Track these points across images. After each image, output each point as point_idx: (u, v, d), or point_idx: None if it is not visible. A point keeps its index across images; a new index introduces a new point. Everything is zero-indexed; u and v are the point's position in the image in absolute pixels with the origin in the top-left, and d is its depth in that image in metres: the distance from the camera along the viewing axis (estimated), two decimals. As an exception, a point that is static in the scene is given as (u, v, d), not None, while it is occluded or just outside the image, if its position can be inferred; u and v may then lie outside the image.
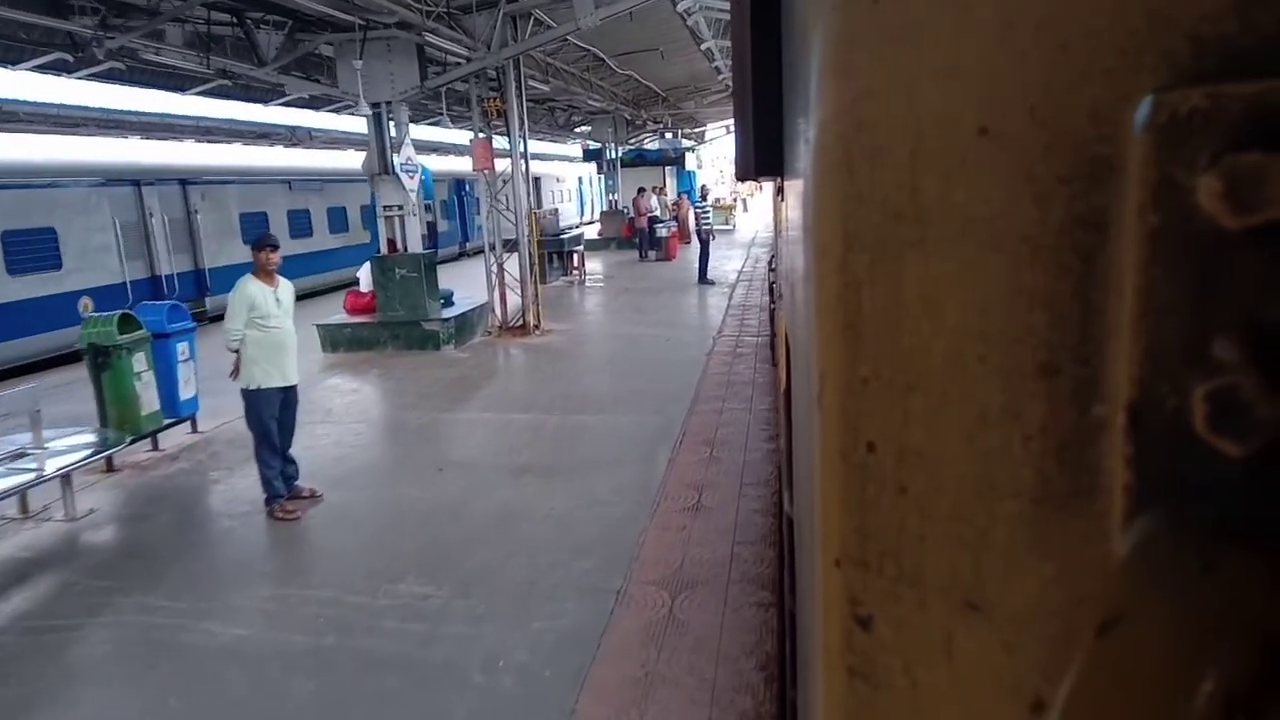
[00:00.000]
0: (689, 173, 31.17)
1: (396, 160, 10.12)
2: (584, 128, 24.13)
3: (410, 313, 10.31)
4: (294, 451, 5.45)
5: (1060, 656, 0.39)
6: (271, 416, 5.16)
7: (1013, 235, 0.38)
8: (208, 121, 19.79)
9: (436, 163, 25.29)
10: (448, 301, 11.18)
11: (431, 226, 22.99)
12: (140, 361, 6.22)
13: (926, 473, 0.42)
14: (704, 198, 16.16)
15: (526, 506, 5.26)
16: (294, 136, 23.82)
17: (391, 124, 10.30)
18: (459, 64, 10.43)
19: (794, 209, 0.76)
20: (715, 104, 23.78)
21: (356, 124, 22.39)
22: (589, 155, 23.98)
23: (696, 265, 15.90)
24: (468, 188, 25.39)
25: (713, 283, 15.81)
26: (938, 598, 0.43)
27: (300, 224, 16.95)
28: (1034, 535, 0.40)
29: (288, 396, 5.28)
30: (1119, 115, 0.35)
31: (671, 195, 27.25)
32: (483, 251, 11.46)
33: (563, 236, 16.19)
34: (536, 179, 32.99)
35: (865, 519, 0.45)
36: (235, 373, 5.16)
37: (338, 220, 18.73)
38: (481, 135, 10.76)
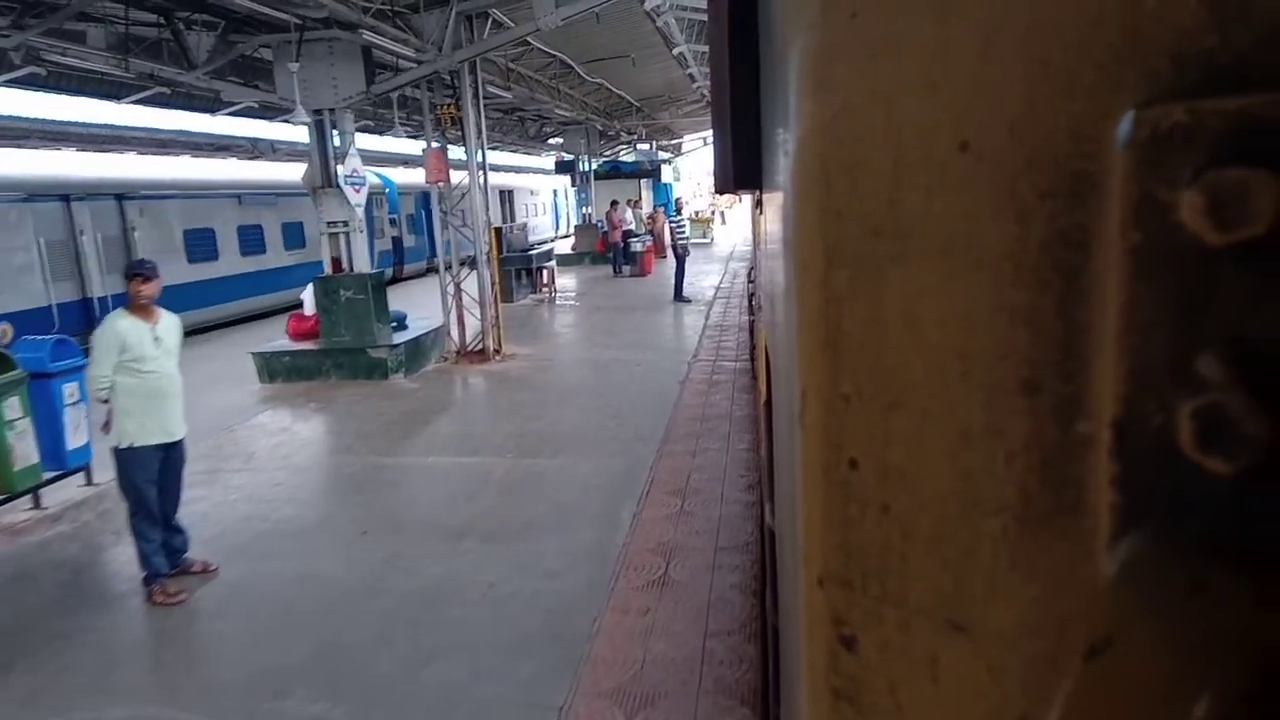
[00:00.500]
0: (665, 185, 30.50)
1: (340, 172, 9.26)
2: (557, 139, 23.39)
3: (356, 338, 9.43)
4: (194, 510, 4.57)
5: (1047, 678, 0.39)
6: (149, 480, 4.26)
7: (994, 251, 0.38)
8: (161, 133, 18.84)
9: (403, 175, 24.39)
10: (400, 325, 10.31)
11: (397, 241, 22.09)
12: (13, 408, 5.30)
13: (909, 491, 0.42)
14: (679, 211, 15.41)
15: (460, 582, 4.40)
16: (255, 149, 22.89)
17: (337, 133, 9.44)
18: (412, 68, 9.62)
19: (773, 223, 0.74)
20: (692, 114, 23.14)
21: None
22: (561, 167, 23.21)
23: (672, 281, 15.14)
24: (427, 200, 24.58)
25: (689, 300, 15.06)
26: (922, 618, 0.43)
27: (251, 241, 15.98)
28: (1018, 554, 0.39)
29: (170, 455, 4.39)
30: (1100, 131, 0.35)
31: (647, 208, 26.60)
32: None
33: (531, 252, 15.36)
34: (509, 191, 32.24)
35: (848, 537, 0.45)
36: (107, 426, 4.28)
37: (294, 236, 17.79)
38: (435, 145, 9.93)
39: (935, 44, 0.38)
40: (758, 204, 1.99)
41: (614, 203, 20.50)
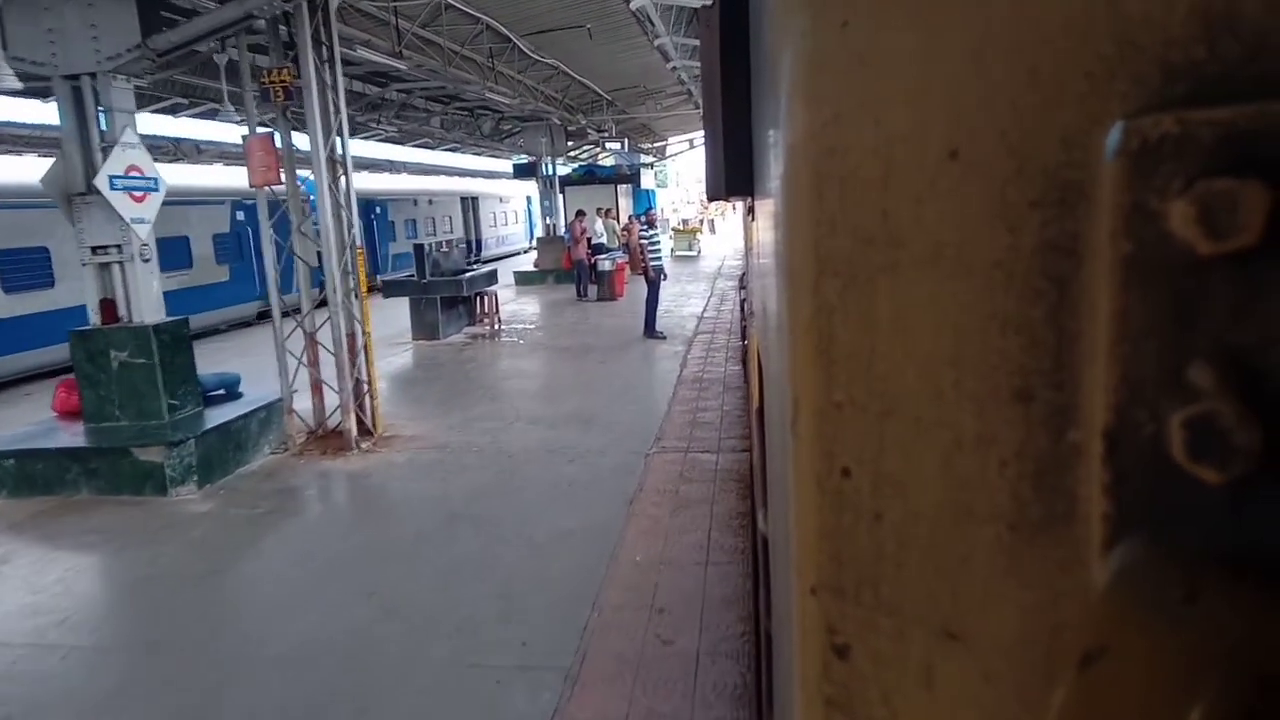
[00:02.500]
0: (646, 192, 27.26)
1: (108, 171, 5.97)
2: (522, 138, 20.14)
3: (136, 422, 6.14)
4: None
5: (1042, 687, 0.39)
6: None
7: (985, 260, 0.38)
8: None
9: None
10: (231, 393, 7.03)
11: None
12: None
13: (902, 499, 0.42)
14: (651, 224, 12.17)
15: None
16: (178, 150, 19.60)
17: (104, 112, 6.17)
18: (212, 9, 6.35)
19: (765, 230, 0.75)
20: (673, 109, 19.93)
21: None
22: (521, 170, 20.00)
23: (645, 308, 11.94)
24: (378, 210, 21.23)
25: (663, 336, 11.82)
26: (916, 626, 0.43)
27: (176, 254, 12.80)
28: (1012, 563, 0.40)
29: None
30: (1090, 140, 0.35)
31: (624, 218, 23.49)
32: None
33: (463, 276, 12.07)
34: (472, 199, 28.98)
35: (841, 546, 0.45)
36: None
37: (227, 248, 14.80)
38: (263, 130, 6.66)
39: (925, 53, 0.38)
40: (750, 211, 1.94)
41: (579, 213, 17.28)
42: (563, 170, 28.16)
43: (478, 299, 13.26)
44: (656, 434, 7.01)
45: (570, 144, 18.88)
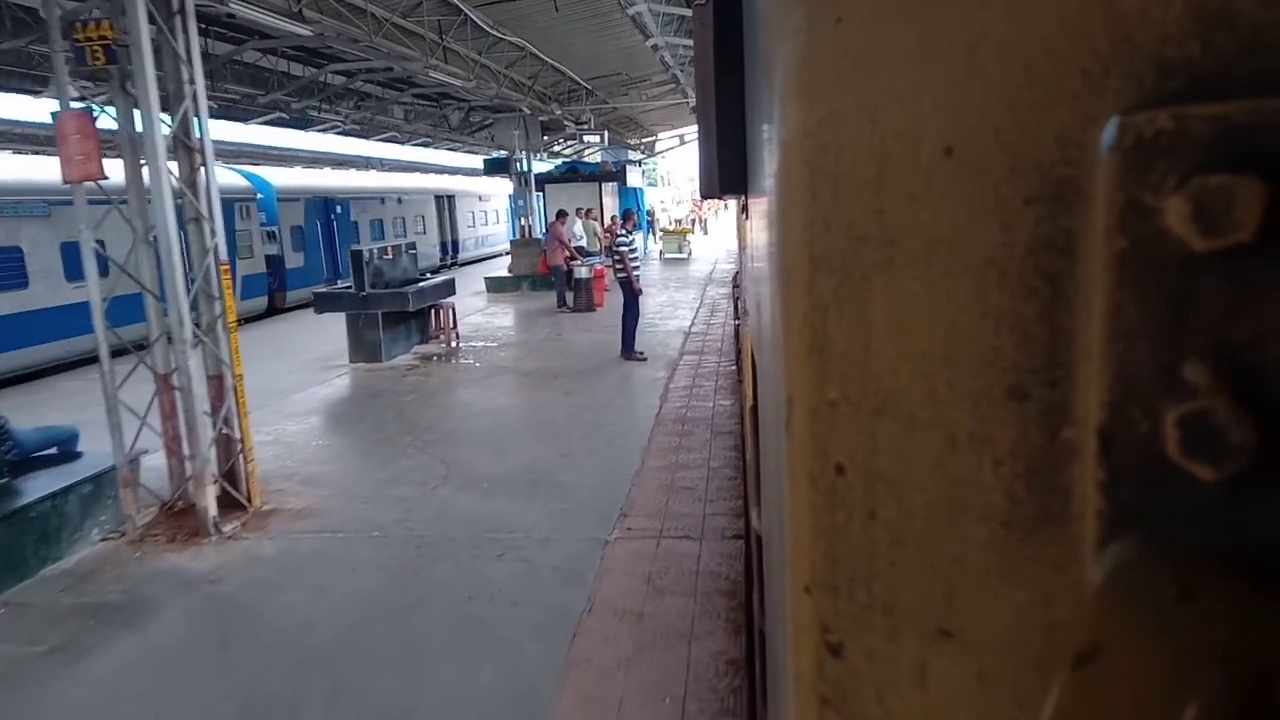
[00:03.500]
0: (633, 190, 25.58)
1: None
2: (496, 131, 18.38)
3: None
4: None
5: (1036, 685, 0.39)
6: None
7: (979, 258, 0.38)
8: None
9: (286, 176, 19.22)
10: (65, 453, 5.33)
11: (275, 262, 17.04)
12: None
13: (896, 497, 0.42)
14: (629, 229, 10.49)
15: None
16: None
17: None
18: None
19: (759, 228, 0.74)
20: (660, 98, 18.24)
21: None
22: (492, 166, 18.25)
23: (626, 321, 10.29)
24: (338, 209, 19.49)
25: (642, 357, 10.16)
26: (910, 625, 0.43)
27: (7, 268, 10.88)
28: (1006, 561, 0.40)
29: None
30: (1084, 137, 0.35)
31: (608, 219, 21.84)
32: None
33: (408, 290, 10.34)
34: (448, 197, 27.23)
35: (835, 544, 0.45)
36: None
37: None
38: (76, 105, 4.93)
39: (919, 50, 0.38)
40: (743, 209, 1.90)
41: (560, 213, 15.58)
42: (541, 166, 26.48)
43: (432, 312, 11.56)
44: (622, 507, 5.33)
45: (547, 138, 17.17)
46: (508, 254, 22.81)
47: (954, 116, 0.38)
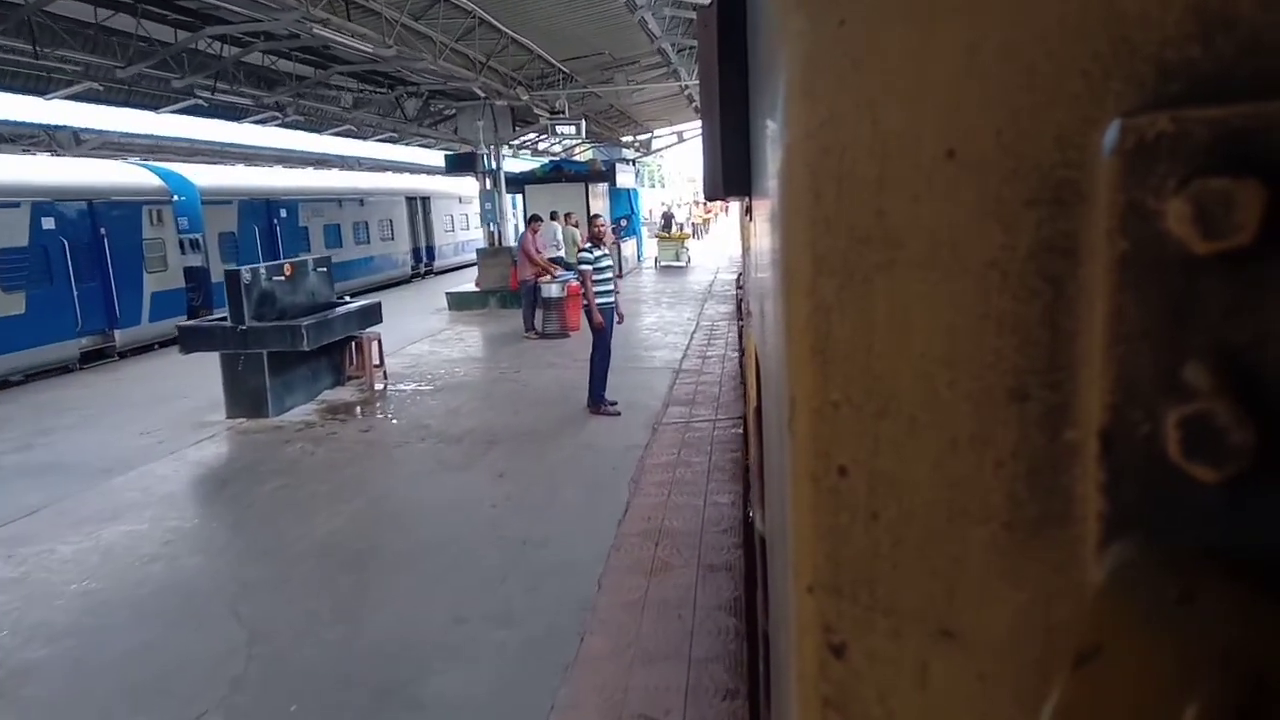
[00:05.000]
0: (626, 192, 23.04)
1: None
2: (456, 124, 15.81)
3: None
4: None
5: (1037, 687, 0.39)
6: None
7: (980, 259, 0.38)
8: None
9: (217, 175, 16.60)
10: None
11: (198, 275, 14.51)
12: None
13: (898, 498, 0.42)
14: (597, 241, 7.99)
15: None
16: None
17: None
18: None
19: (762, 230, 0.75)
20: (652, 85, 15.69)
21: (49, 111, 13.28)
22: (455, 163, 15.71)
23: (609, 347, 7.81)
24: (283, 212, 16.98)
25: (615, 409, 7.68)
26: (912, 625, 0.43)
27: None
28: (1007, 562, 0.40)
29: None
30: (1085, 139, 0.35)
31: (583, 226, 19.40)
32: None
33: (305, 322, 7.78)
34: (422, 199, 24.69)
35: (838, 545, 0.45)
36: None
37: (23, 269, 10.65)
38: None
39: (921, 52, 0.38)
40: (747, 211, 1.89)
41: (532, 219, 13.05)
42: (525, 165, 23.93)
43: (352, 347, 9.05)
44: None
45: (521, 132, 14.65)
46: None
47: (955, 118, 0.38)
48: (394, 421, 7.69)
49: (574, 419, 7.58)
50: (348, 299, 9.65)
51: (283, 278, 8.15)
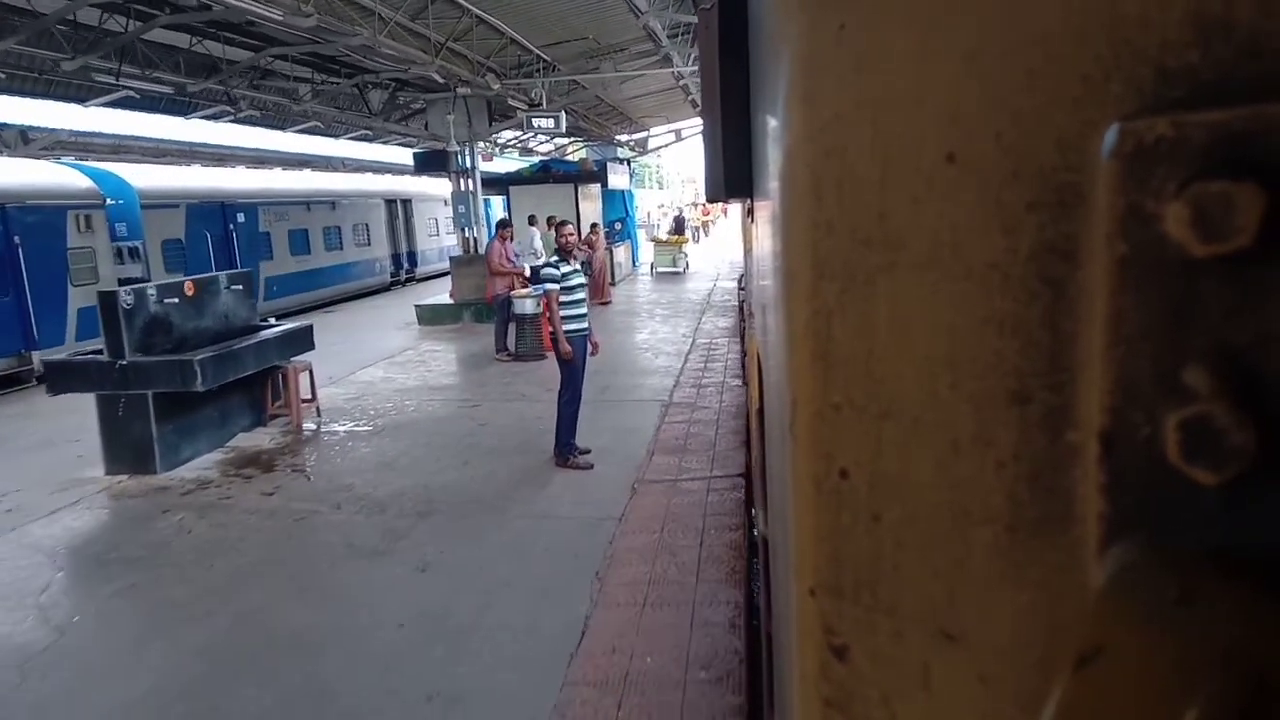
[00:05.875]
0: (619, 193, 21.52)
1: None
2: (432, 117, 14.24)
3: None
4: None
5: (1038, 688, 0.39)
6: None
7: (981, 262, 0.38)
8: None
9: (162, 176, 14.92)
10: None
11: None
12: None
13: (900, 500, 0.42)
14: (566, 254, 6.52)
15: None
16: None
17: None
18: None
19: (764, 233, 0.75)
20: (643, 75, 14.18)
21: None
22: (424, 162, 14.18)
23: (589, 366, 6.33)
24: (240, 217, 15.50)
25: (586, 461, 6.20)
26: (914, 627, 0.43)
27: None
28: (1008, 564, 0.40)
29: None
30: (1085, 143, 0.35)
31: (579, 229, 17.87)
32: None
33: (200, 356, 6.26)
34: (404, 201, 23.17)
35: (839, 547, 0.45)
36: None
37: None
38: None
39: (922, 56, 0.38)
40: (749, 212, 1.88)
41: (500, 224, 11.53)
42: (512, 165, 22.41)
43: (279, 379, 7.55)
44: None
45: (495, 123, 13.13)
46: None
47: (956, 122, 0.38)
48: (310, 479, 6.18)
49: (535, 474, 6.08)
50: (273, 321, 8.12)
51: (181, 299, 6.64)
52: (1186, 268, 0.32)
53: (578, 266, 6.66)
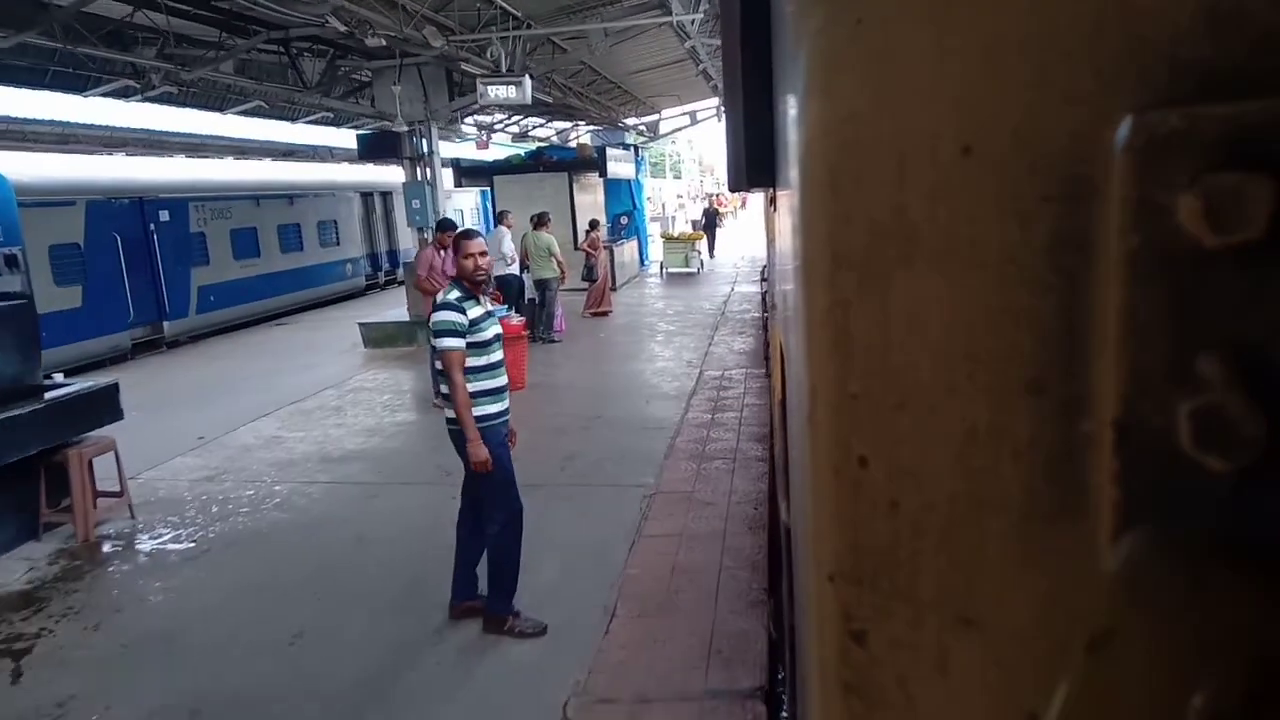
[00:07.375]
0: (624, 183, 18.77)
1: None
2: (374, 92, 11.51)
3: None
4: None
5: (1052, 672, 0.39)
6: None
7: (997, 254, 0.39)
8: None
9: (58, 166, 12.25)
10: None
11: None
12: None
13: (918, 488, 0.42)
14: (472, 287, 3.82)
15: None
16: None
17: None
18: None
19: (784, 224, 0.74)
20: (636, 32, 11.43)
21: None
22: (371, 146, 11.53)
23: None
24: (165, 214, 12.98)
25: (530, 627, 3.53)
26: (931, 613, 0.43)
27: None
28: (1024, 551, 0.40)
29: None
30: (1099, 136, 0.36)
31: (576, 228, 15.36)
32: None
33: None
34: (382, 195, 20.62)
35: (858, 534, 0.45)
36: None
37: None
38: None
39: (937, 52, 0.38)
40: (771, 201, 1.88)
41: (440, 224, 8.79)
42: (502, 152, 19.70)
43: (59, 469, 4.98)
44: None
45: (456, 97, 10.47)
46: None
47: (972, 115, 0.38)
48: (21, 675, 3.59)
49: (422, 659, 3.46)
50: (60, 378, 5.56)
51: None
52: (1198, 259, 0.32)
53: (489, 308, 4.02)
